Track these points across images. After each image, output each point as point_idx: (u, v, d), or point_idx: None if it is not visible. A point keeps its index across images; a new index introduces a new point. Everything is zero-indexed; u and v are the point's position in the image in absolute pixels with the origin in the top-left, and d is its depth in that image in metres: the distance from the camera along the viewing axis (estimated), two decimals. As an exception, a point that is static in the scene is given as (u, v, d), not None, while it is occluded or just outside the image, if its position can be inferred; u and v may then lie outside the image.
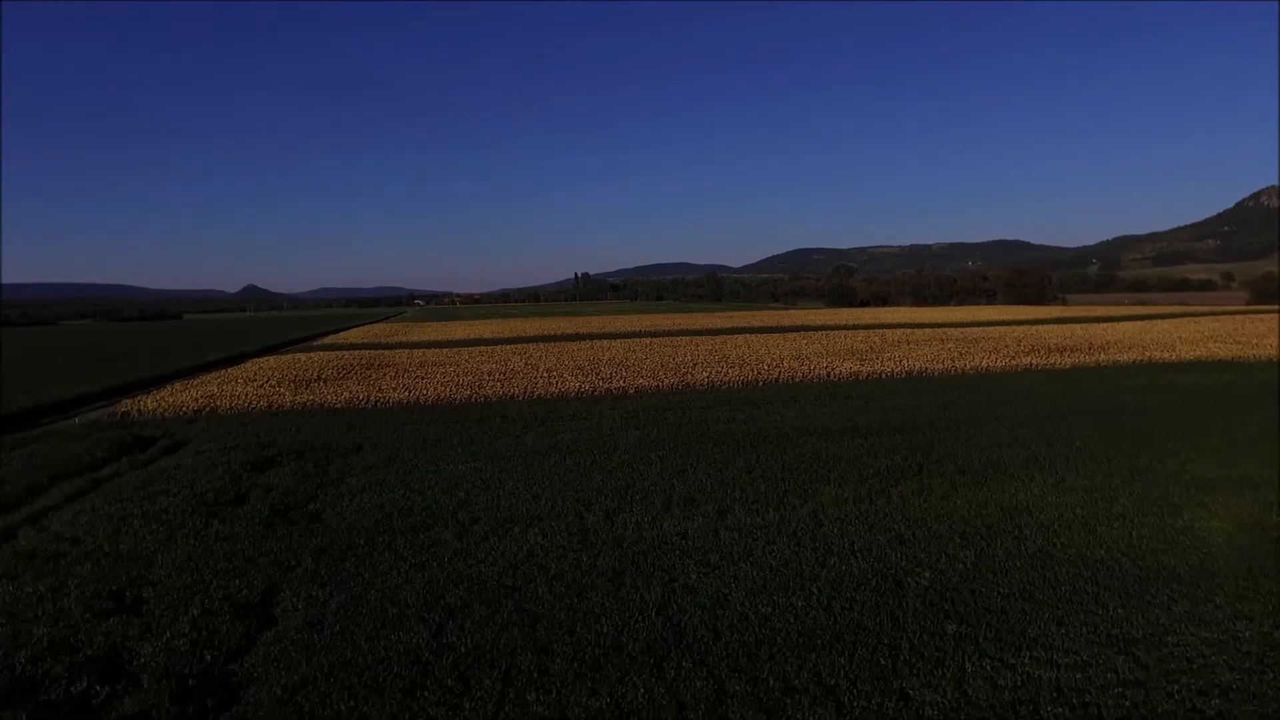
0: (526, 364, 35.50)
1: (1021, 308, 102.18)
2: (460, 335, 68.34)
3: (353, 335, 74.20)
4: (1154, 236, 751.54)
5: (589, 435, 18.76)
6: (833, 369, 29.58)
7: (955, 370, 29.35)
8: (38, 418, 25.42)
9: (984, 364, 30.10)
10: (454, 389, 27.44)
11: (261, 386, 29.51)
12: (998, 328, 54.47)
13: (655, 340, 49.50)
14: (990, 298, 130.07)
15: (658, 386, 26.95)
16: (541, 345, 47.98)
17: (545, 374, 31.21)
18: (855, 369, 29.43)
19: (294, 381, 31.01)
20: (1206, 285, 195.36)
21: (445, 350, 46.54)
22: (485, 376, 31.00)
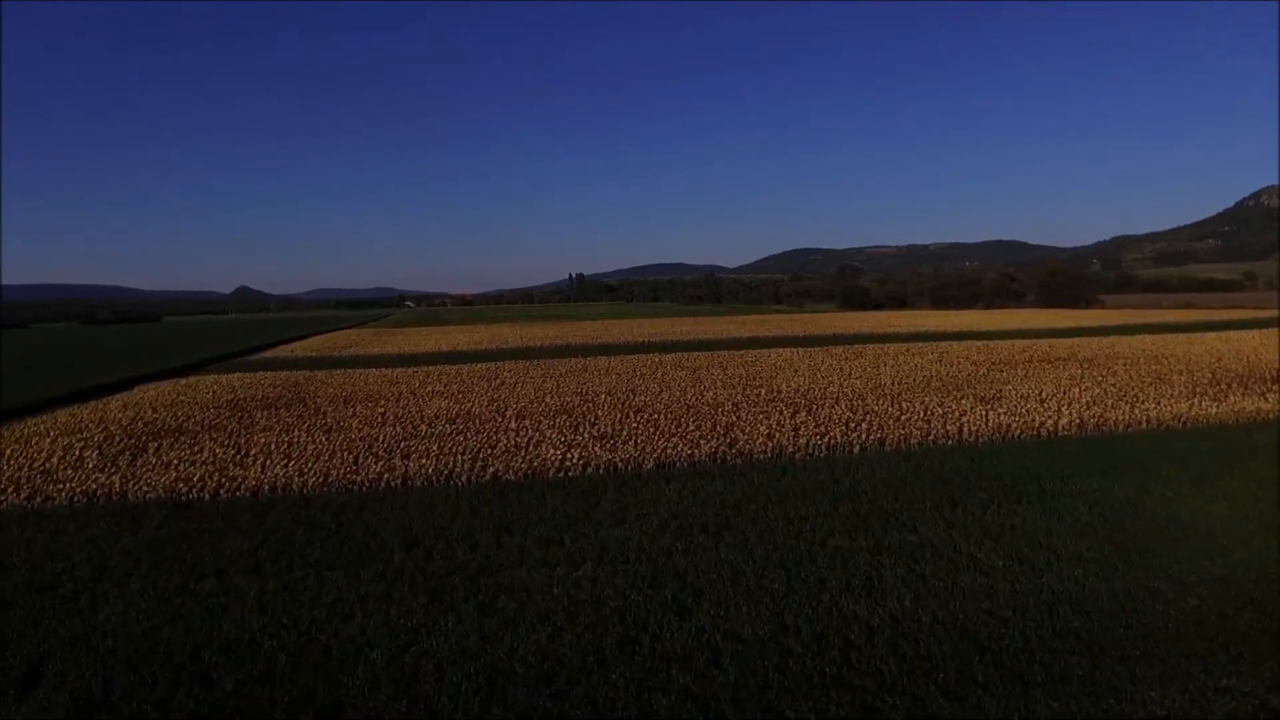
0: (492, 400, 24.95)
1: (1064, 311, 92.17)
2: (431, 346, 57.81)
3: (305, 346, 63.39)
4: (1153, 236, 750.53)
5: (582, 630, 8.28)
6: (956, 418, 19.12)
7: (1150, 421, 18.90)
8: None
9: (1196, 410, 19.64)
10: (359, 457, 16.90)
11: (69, 448, 18.86)
12: (1091, 339, 44.14)
13: (666, 358, 38.99)
14: (1019, 299, 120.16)
15: (691, 455, 16.47)
16: (522, 364, 37.44)
17: (513, 423, 20.67)
18: (994, 419, 18.95)
19: (133, 436, 20.42)
20: (1233, 285, 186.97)
21: (397, 372, 36.00)
22: (423, 428, 20.45)
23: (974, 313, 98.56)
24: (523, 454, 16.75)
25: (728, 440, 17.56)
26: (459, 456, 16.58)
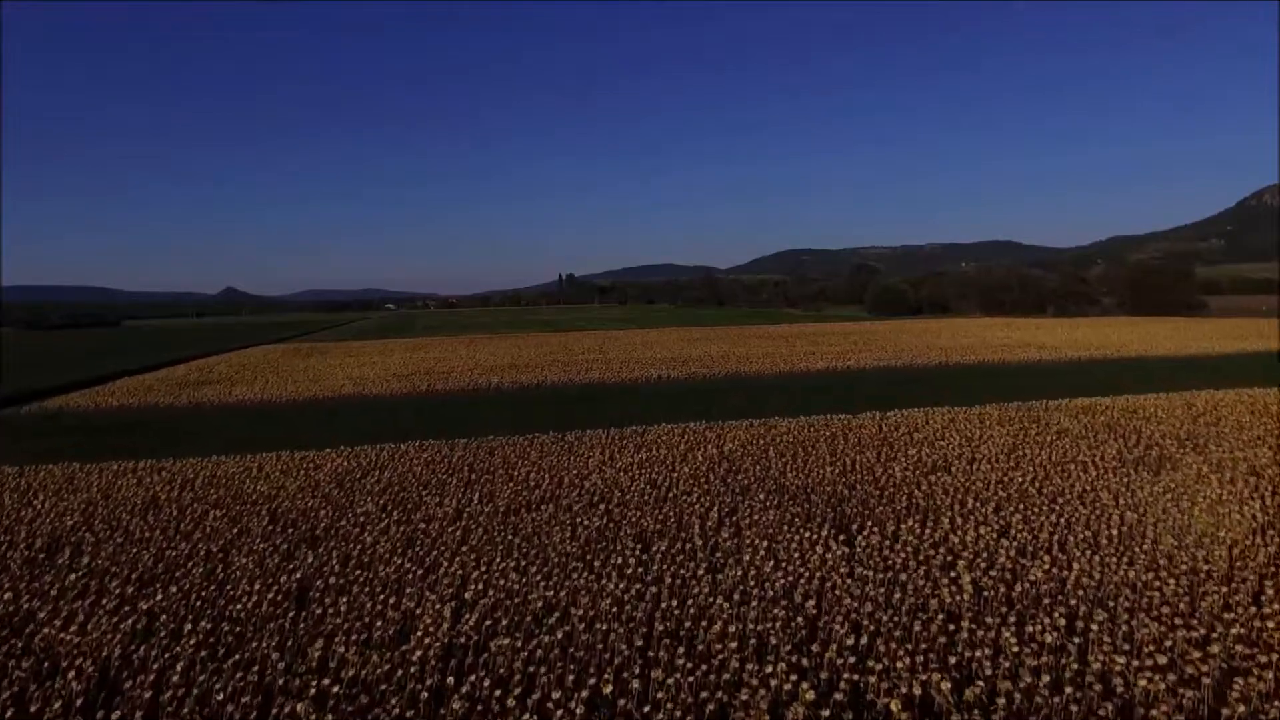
0: None
1: (1179, 320, 72.84)
2: (335, 382, 37.66)
3: (165, 376, 42.67)
4: (1154, 236, 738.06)
5: None
6: None
7: None
8: None
9: None
10: None
11: None
12: None
13: (726, 434, 18.86)
14: (1093, 303, 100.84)
15: None
16: (448, 452, 17.21)
17: None
18: None
19: None
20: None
21: (185, 473, 15.80)
22: None
23: (1075, 322, 79.25)
24: None
25: None
26: None
